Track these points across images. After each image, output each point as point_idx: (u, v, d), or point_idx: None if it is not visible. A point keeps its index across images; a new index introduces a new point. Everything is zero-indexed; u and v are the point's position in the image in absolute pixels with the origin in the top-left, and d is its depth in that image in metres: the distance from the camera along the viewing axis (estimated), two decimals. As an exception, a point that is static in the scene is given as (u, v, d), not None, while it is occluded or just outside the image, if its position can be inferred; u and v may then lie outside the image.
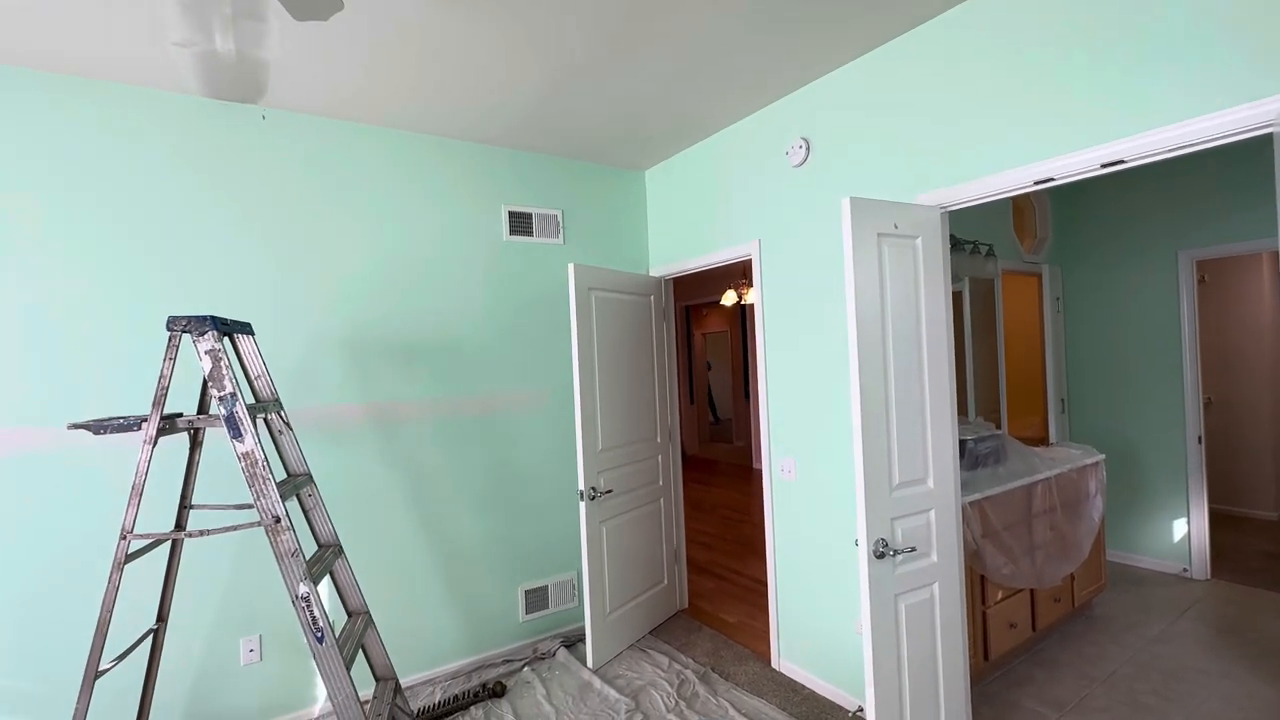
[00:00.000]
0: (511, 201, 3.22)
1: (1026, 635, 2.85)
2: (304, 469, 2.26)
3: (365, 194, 2.82)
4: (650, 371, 3.43)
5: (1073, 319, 4.23)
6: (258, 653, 2.54)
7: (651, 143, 3.22)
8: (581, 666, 2.92)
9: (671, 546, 3.56)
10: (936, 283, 2.10)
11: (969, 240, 3.49)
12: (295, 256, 2.66)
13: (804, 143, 2.61)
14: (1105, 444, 4.02)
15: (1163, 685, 2.64)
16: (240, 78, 2.32)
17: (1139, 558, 3.96)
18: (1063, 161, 1.80)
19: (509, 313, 3.20)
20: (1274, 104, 1.42)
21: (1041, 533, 2.91)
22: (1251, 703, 2.49)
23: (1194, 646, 2.95)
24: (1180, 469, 3.77)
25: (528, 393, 3.25)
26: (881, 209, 1.96)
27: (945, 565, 2.09)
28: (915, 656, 2.00)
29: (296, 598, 1.89)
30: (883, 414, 1.93)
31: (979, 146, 2.02)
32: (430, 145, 2.98)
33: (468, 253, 3.08)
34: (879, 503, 1.92)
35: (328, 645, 1.90)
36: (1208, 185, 3.64)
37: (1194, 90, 1.56)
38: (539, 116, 2.82)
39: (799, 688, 2.73)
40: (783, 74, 2.50)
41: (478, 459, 3.09)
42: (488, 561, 3.10)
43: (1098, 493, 3.26)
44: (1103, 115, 1.73)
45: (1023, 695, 2.62)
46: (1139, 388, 3.93)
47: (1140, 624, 3.20)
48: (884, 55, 2.30)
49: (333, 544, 2.29)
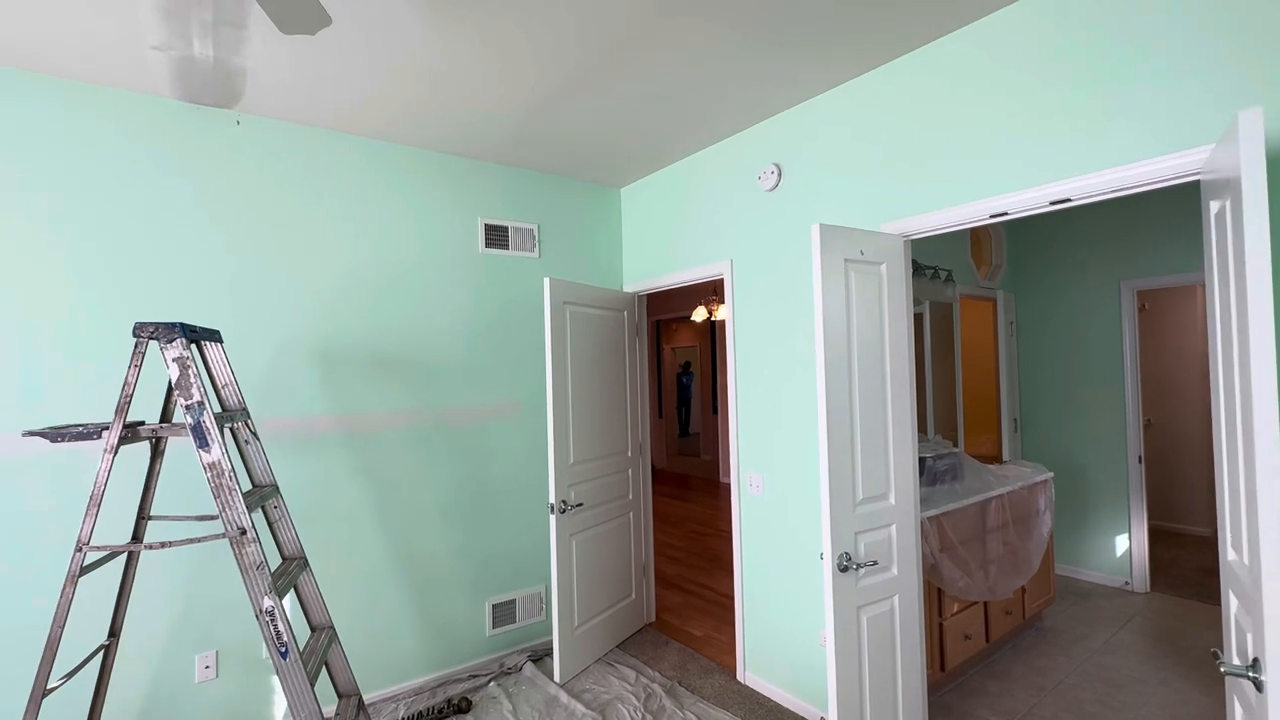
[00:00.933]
0: (488, 214, 3.24)
1: (980, 646, 2.96)
2: (270, 480, 2.22)
3: (339, 202, 2.80)
4: (622, 386, 3.47)
5: (1025, 342, 4.44)
6: (213, 669, 2.47)
7: (629, 161, 3.29)
8: (548, 681, 2.91)
9: (640, 560, 3.58)
10: (899, 307, 2.20)
11: (930, 265, 3.65)
12: (267, 264, 2.63)
13: (776, 168, 2.71)
14: (1054, 462, 4.22)
15: (1106, 694, 2.78)
16: (216, 83, 2.30)
17: (1085, 571, 4.14)
18: (1016, 198, 1.92)
19: (483, 325, 3.21)
20: (1201, 153, 1.56)
21: (995, 547, 3.03)
22: (1186, 708, 2.63)
23: (1134, 656, 3.11)
24: (1122, 487, 3.98)
25: (500, 405, 3.25)
26: (849, 236, 2.06)
27: (905, 578, 2.17)
28: (876, 667, 2.07)
29: (261, 612, 1.85)
30: (848, 432, 2.01)
31: (940, 180, 2.14)
32: (407, 156, 2.99)
33: (443, 264, 3.09)
34: (843, 517, 1.99)
35: (291, 660, 1.86)
36: (1148, 221, 3.89)
37: (1133, 139, 1.70)
38: (518, 132, 2.86)
39: (764, 700, 2.77)
40: (757, 102, 2.60)
41: (448, 471, 3.07)
42: (455, 575, 3.07)
43: (1047, 509, 3.42)
44: (1052, 157, 1.85)
45: (977, 705, 2.72)
46: (1085, 409, 4.14)
47: (1086, 635, 3.35)
48: (854, 89, 2.42)
49: (298, 557, 2.25)
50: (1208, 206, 1.48)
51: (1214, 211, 1.42)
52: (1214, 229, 1.43)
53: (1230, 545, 1.42)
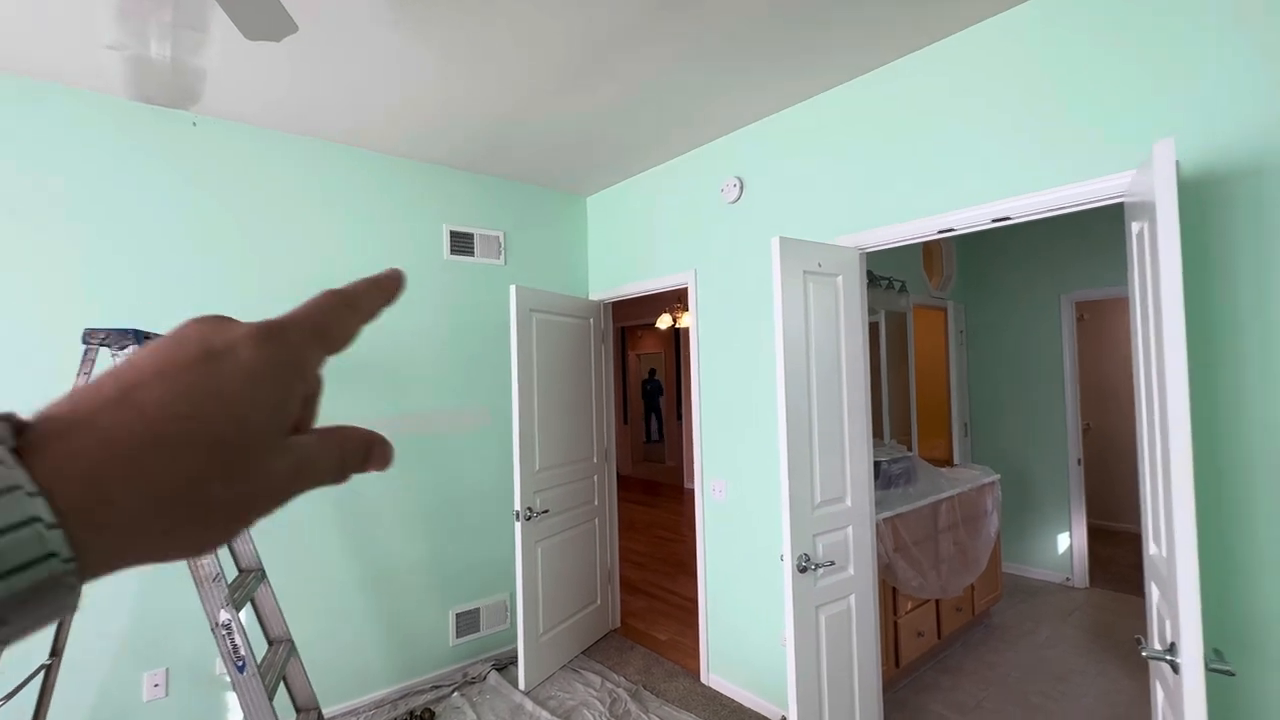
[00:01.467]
0: (453, 221, 3.23)
1: (933, 643, 3.08)
2: (227, 490, 2.17)
3: (301, 206, 2.76)
4: (588, 393, 3.49)
5: (974, 350, 4.65)
6: (163, 688, 2.38)
7: (595, 171, 3.33)
8: (513, 689, 2.90)
9: (605, 566, 3.60)
10: (855, 317, 2.29)
11: (885, 276, 3.80)
12: (225, 267, 2.57)
13: (738, 181, 2.80)
14: (1000, 464, 4.42)
15: (1049, 685, 2.92)
16: (173, 84, 2.25)
17: (1030, 569, 4.35)
18: (961, 215, 2.04)
19: (448, 332, 3.19)
20: (1125, 178, 1.69)
21: (946, 547, 3.17)
22: (1120, 696, 2.80)
23: (1075, 649, 3.28)
24: (1063, 488, 4.19)
25: (465, 412, 3.23)
26: (807, 248, 2.14)
27: (861, 578, 2.26)
28: (834, 664, 2.14)
29: (216, 625, 1.81)
30: (806, 437, 2.09)
31: (893, 196, 2.25)
32: (371, 161, 2.96)
33: (407, 270, 3.04)
34: (802, 520, 2.06)
35: (249, 675, 1.83)
36: (1087, 237, 4.13)
37: (1067, 163, 1.82)
38: (484, 140, 2.87)
39: (727, 701, 2.83)
40: (720, 117, 2.68)
41: (411, 479, 3.04)
42: (418, 584, 3.04)
43: (994, 509, 3.59)
44: (994, 179, 1.98)
45: (930, 700, 2.83)
46: (1029, 414, 4.36)
47: (1031, 630, 3.52)
48: (813, 106, 2.52)
49: (255, 568, 2.20)
50: (1130, 227, 1.61)
51: (1135, 232, 1.54)
52: (1135, 248, 1.56)
53: (1151, 540, 1.54)
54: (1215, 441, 1.55)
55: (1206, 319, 1.56)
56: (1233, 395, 1.53)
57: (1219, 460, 1.54)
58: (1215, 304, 1.55)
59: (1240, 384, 1.52)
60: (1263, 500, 1.49)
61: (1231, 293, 1.53)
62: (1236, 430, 1.52)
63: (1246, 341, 1.51)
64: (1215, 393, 1.55)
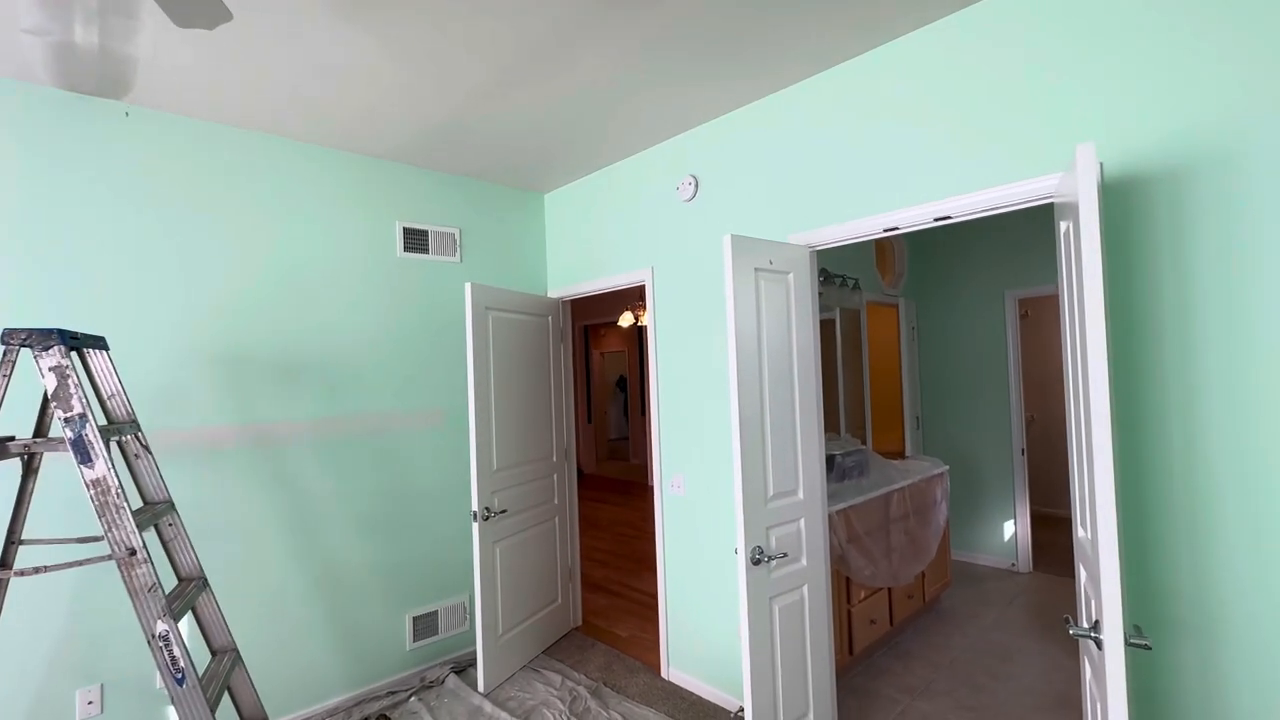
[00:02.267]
0: (406, 218, 3.17)
1: (885, 630, 3.18)
2: (164, 496, 2.08)
3: (243, 202, 2.67)
4: (547, 391, 3.47)
5: (925, 346, 4.80)
6: (97, 704, 2.27)
7: (552, 168, 3.31)
8: (472, 692, 2.87)
9: (566, 565, 3.59)
10: (806, 314, 2.34)
11: (839, 274, 3.89)
12: (161, 265, 2.46)
13: (693, 180, 2.82)
14: (950, 456, 4.58)
15: (994, 666, 3.05)
16: (102, 72, 2.14)
17: (977, 556, 4.52)
18: (905, 214, 2.11)
19: (403, 331, 3.13)
20: (1054, 179, 1.77)
21: (898, 536, 3.27)
22: (1059, 673, 2.94)
23: (1018, 631, 3.42)
24: (1008, 477, 4.37)
25: (421, 413, 3.18)
26: (758, 246, 2.18)
27: (814, 568, 2.31)
28: (788, 654, 2.19)
29: (153, 636, 1.74)
30: (759, 432, 2.12)
31: (841, 196, 2.30)
32: (319, 156, 2.88)
33: (358, 268, 2.99)
34: (756, 513, 2.10)
35: (189, 687, 1.76)
36: (1028, 237, 4.31)
37: (1002, 165, 1.90)
38: (437, 135, 2.82)
39: (686, 694, 2.86)
40: (675, 116, 2.70)
41: (365, 481, 2.97)
42: (373, 589, 2.97)
43: (943, 499, 3.71)
44: (936, 179, 2.05)
45: (882, 684, 2.91)
46: (976, 407, 4.53)
47: (978, 615, 3.66)
48: (765, 106, 2.56)
49: (196, 577, 2.12)
50: (1058, 226, 1.69)
51: (1062, 231, 1.62)
52: (1062, 246, 1.63)
53: (1079, 523, 1.62)
54: (1137, 433, 1.64)
55: (1129, 317, 1.65)
56: (1154, 389, 1.62)
57: (1140, 450, 1.63)
58: (1138, 303, 1.64)
59: (1160, 378, 1.61)
60: (1178, 486, 1.58)
61: (1154, 292, 1.62)
62: (1156, 422, 1.61)
63: (1167, 338, 1.60)
64: (1136, 386, 1.64)
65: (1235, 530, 1.51)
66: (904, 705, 2.73)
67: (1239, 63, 1.50)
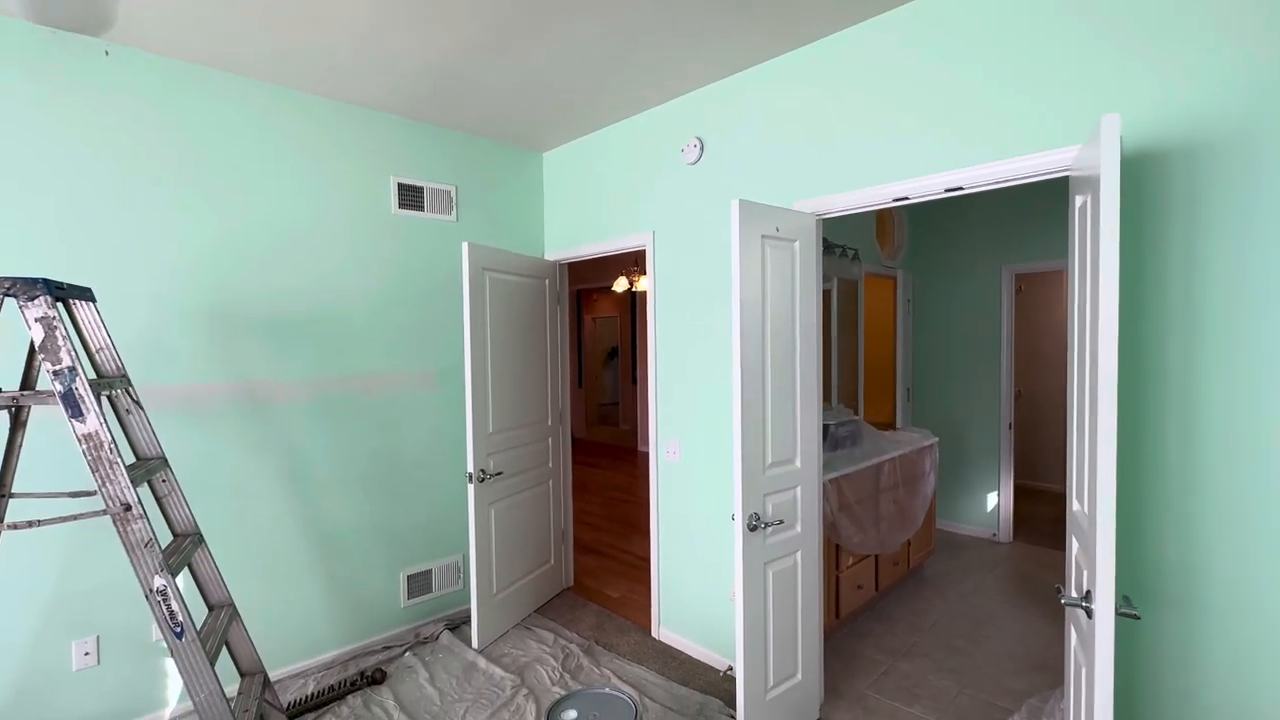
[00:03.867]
0: (401, 173, 3.07)
1: (871, 595, 3.26)
2: (157, 452, 2.05)
3: (232, 150, 2.57)
4: (543, 355, 3.45)
5: (919, 319, 4.81)
6: (94, 656, 2.28)
7: (552, 125, 3.21)
8: (466, 648, 2.92)
9: (559, 527, 3.63)
10: (810, 283, 2.32)
11: (839, 244, 3.85)
12: (145, 215, 2.38)
13: (698, 142, 2.75)
14: (939, 428, 4.64)
15: (972, 630, 3.15)
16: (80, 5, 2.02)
17: (960, 525, 4.63)
18: (915, 183, 2.07)
19: (397, 289, 3.07)
20: (1072, 152, 1.74)
21: (887, 506, 3.32)
22: (1035, 638, 3.04)
23: (997, 597, 3.53)
24: (994, 450, 4.45)
25: (416, 373, 3.14)
26: (766, 213, 2.14)
27: (807, 536, 2.35)
28: (780, 617, 2.24)
29: (151, 591, 1.74)
30: (760, 400, 2.12)
31: (850, 163, 2.26)
32: (313, 105, 2.77)
33: (352, 224, 2.91)
34: (753, 481, 2.11)
35: (188, 640, 1.77)
36: (1028, 212, 4.28)
37: (1017, 136, 1.86)
38: (436, 86, 2.72)
39: (676, 653, 2.93)
40: (681, 74, 2.61)
41: (359, 441, 2.95)
42: (368, 547, 2.99)
43: (931, 470, 3.78)
44: (948, 148, 2.00)
45: (865, 646, 3.00)
46: (967, 380, 4.57)
47: (959, 581, 3.77)
48: (775, 68, 2.48)
49: (191, 533, 2.12)
50: (1073, 201, 1.67)
51: (1078, 205, 1.60)
52: (1077, 221, 1.62)
53: (1075, 497, 1.65)
54: (1137, 410, 1.65)
55: (1138, 295, 1.64)
56: (1156, 371, 1.63)
57: (1138, 427, 1.65)
58: (1147, 280, 1.63)
59: (1163, 360, 1.62)
60: (1173, 464, 1.61)
61: (1162, 272, 1.61)
62: (1156, 402, 1.63)
63: (1171, 318, 1.60)
64: (1139, 366, 1.65)
65: (1225, 507, 1.54)
66: (886, 666, 2.82)
67: (1264, 37, 1.47)
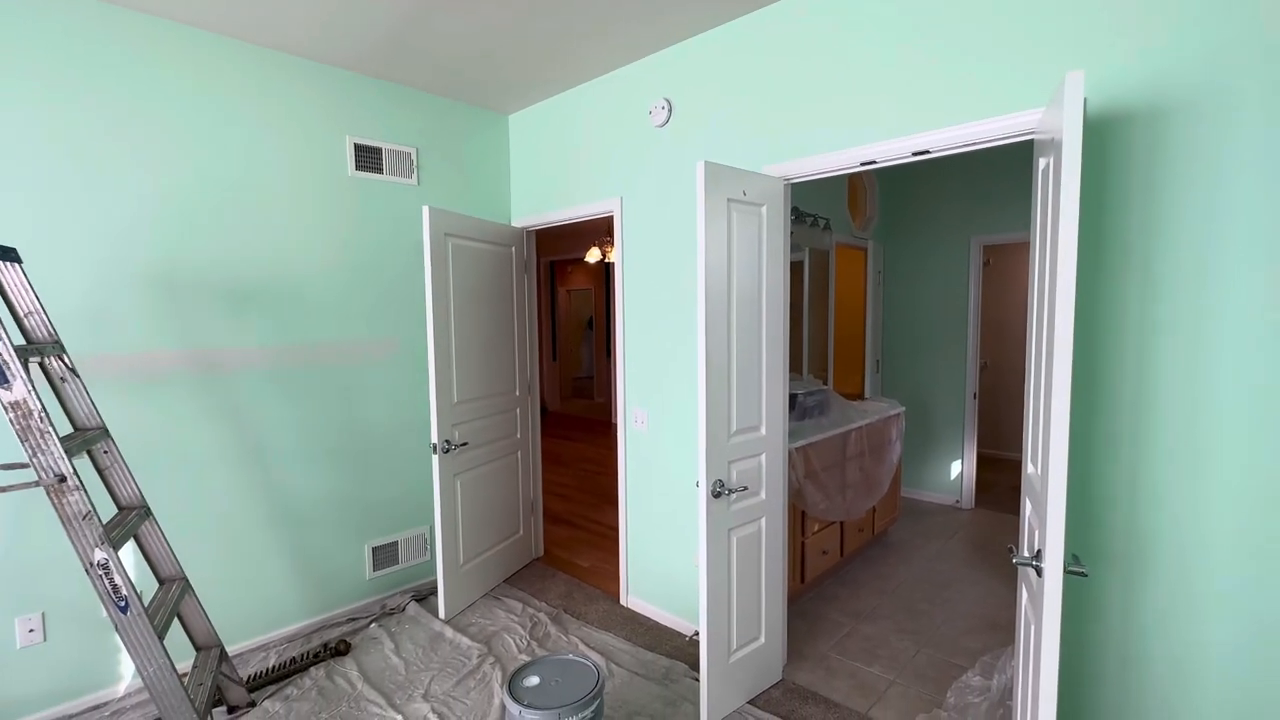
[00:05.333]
0: (358, 133, 2.94)
1: (836, 560, 3.32)
2: (96, 422, 1.97)
3: (181, 105, 2.42)
4: (510, 324, 3.38)
5: (889, 290, 4.84)
6: (39, 632, 2.21)
7: (517, 84, 3.09)
8: (433, 618, 2.91)
9: (528, 497, 3.61)
10: (777, 249, 2.29)
11: (811, 213, 3.82)
12: (85, 171, 2.23)
13: (667, 103, 2.67)
14: (906, 398, 4.70)
15: (933, 593, 3.24)
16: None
17: (925, 493, 4.73)
18: (883, 147, 2.04)
19: (358, 255, 2.96)
20: (1036, 115, 1.72)
21: (853, 473, 3.37)
22: (992, 599, 3.14)
23: (958, 561, 3.63)
24: (959, 420, 4.53)
25: (379, 341, 3.06)
26: (733, 175, 2.09)
27: (772, 502, 2.36)
28: (743, 582, 2.26)
29: (92, 565, 1.67)
30: (725, 367, 2.10)
31: (818, 127, 2.21)
32: (264, 58, 2.61)
33: (307, 186, 2.78)
34: (718, 448, 2.10)
35: (133, 615, 1.72)
36: (997, 183, 4.30)
37: (984, 98, 1.84)
38: (394, 41, 2.58)
39: (644, 620, 2.96)
40: (649, 31, 2.52)
41: (321, 411, 2.87)
42: (331, 519, 2.93)
43: (897, 439, 3.83)
44: (915, 111, 1.97)
45: (830, 609, 3.07)
46: (935, 351, 4.63)
47: (922, 547, 3.86)
48: (744, 26, 2.40)
49: (137, 506, 2.04)
50: (1037, 164, 1.65)
51: (1041, 167, 1.59)
52: (1039, 183, 1.60)
53: (1030, 460, 1.67)
54: (1092, 375, 1.67)
55: (1098, 259, 1.65)
56: (1112, 334, 1.64)
57: (1094, 393, 1.67)
58: (1107, 245, 1.63)
59: (1120, 323, 1.63)
60: (1125, 428, 1.63)
61: (1121, 235, 1.61)
62: (1112, 365, 1.64)
63: (1129, 284, 1.61)
64: (1095, 330, 1.66)
65: (1171, 470, 1.58)
66: (849, 628, 2.89)
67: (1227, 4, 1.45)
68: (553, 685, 1.79)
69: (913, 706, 2.30)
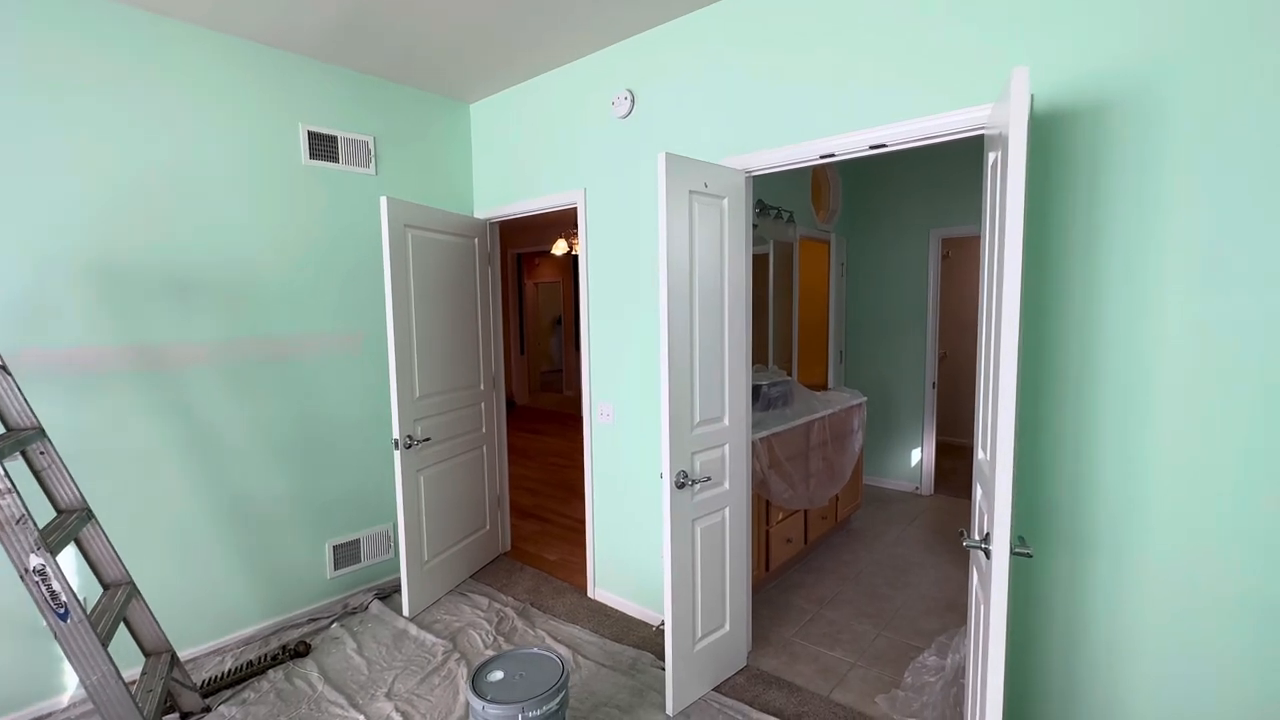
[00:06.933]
0: (312, 121, 2.85)
1: (800, 548, 3.38)
2: (30, 422, 1.87)
3: (124, 89, 2.30)
4: (473, 317, 3.33)
5: (852, 282, 4.92)
6: (-26, 643, 2.10)
7: (478, 72, 3.04)
8: (397, 616, 2.87)
9: (494, 492, 3.58)
10: (739, 241, 2.30)
11: (775, 206, 3.86)
12: (15, 156, 2.11)
13: (629, 94, 2.66)
14: (868, 388, 4.81)
15: (894, 577, 3.32)
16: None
17: (886, 480, 4.85)
18: (842, 140, 2.07)
19: (313, 247, 2.88)
20: (985, 110, 1.77)
21: (816, 463, 3.43)
22: (948, 583, 3.24)
23: (918, 546, 3.74)
24: (919, 409, 4.65)
25: (338, 336, 2.98)
26: (694, 167, 2.09)
27: (735, 492, 2.39)
28: (708, 572, 2.28)
29: (27, 571, 1.60)
30: (688, 359, 2.11)
31: (779, 118, 2.23)
32: (210, 41, 2.50)
33: (257, 175, 2.69)
34: (681, 439, 2.12)
35: (74, 622, 1.65)
36: (955, 178, 4.40)
37: (937, 93, 1.87)
38: (350, 25, 2.50)
39: (611, 611, 2.97)
40: (612, 19, 2.50)
41: (277, 408, 2.79)
42: (289, 517, 2.86)
43: (860, 428, 3.91)
44: (873, 106, 2.00)
45: (794, 596, 3.13)
46: (895, 342, 4.74)
47: (883, 533, 3.96)
48: (703, 19, 2.40)
49: (78, 508, 1.96)
50: (987, 158, 1.70)
51: (990, 162, 1.63)
52: (989, 177, 1.65)
53: (980, 446, 1.72)
54: (1038, 362, 1.73)
55: (1043, 251, 1.70)
56: (1057, 322, 1.70)
57: (1039, 378, 1.73)
58: (1052, 238, 1.69)
59: (1064, 312, 1.69)
60: (1069, 415, 1.70)
61: (1066, 229, 1.67)
62: (1056, 353, 1.71)
63: (1073, 278, 1.67)
64: (1041, 319, 1.72)
65: (1113, 452, 1.65)
66: (813, 614, 2.95)
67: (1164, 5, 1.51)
68: (517, 679, 1.78)
69: (872, 688, 2.36)
